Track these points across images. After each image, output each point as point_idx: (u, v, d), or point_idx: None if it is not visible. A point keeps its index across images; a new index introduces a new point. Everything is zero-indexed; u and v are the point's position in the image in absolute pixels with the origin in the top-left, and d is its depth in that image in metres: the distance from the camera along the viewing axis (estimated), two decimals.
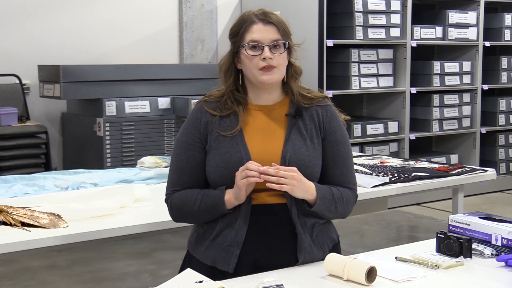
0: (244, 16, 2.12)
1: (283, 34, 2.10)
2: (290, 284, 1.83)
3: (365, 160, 3.65)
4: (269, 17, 2.10)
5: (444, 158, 6.46)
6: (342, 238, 1.94)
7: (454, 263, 2.03)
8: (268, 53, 2.06)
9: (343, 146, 2.16)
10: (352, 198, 2.17)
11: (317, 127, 2.14)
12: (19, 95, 5.34)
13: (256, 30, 2.08)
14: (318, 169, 2.12)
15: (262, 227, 2.05)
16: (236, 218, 2.05)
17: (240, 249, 2.03)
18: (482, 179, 3.42)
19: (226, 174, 2.05)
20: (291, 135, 2.10)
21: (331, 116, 2.16)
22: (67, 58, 5.49)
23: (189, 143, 2.11)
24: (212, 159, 2.08)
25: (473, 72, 6.57)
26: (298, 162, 2.05)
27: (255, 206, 2.05)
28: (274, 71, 2.08)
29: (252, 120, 2.12)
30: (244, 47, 2.07)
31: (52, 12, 5.56)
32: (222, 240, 2.05)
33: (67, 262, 4.54)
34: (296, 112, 2.13)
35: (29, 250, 2.27)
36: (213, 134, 2.10)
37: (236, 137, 2.08)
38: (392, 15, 5.93)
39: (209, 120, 2.11)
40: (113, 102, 5.06)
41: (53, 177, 3.26)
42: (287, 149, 2.07)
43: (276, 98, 2.16)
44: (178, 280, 1.79)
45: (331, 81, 5.82)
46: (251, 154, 2.06)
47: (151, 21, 5.99)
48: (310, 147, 2.10)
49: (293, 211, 2.05)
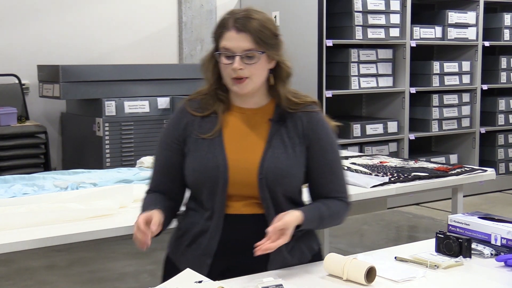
0: (223, 19, 2.01)
1: (259, 42, 1.96)
2: (290, 284, 1.83)
3: (364, 160, 3.65)
4: (245, 24, 1.96)
5: (443, 158, 6.46)
6: (342, 238, 1.95)
7: (453, 263, 2.03)
8: (238, 64, 1.95)
9: (330, 154, 2.06)
10: (343, 208, 2.09)
11: (300, 135, 2.03)
12: (18, 95, 5.34)
13: (229, 38, 1.97)
14: (299, 178, 2.03)
15: (235, 237, 1.99)
16: (209, 227, 2.00)
17: (212, 259, 1.99)
18: (481, 179, 3.42)
19: (202, 179, 2.00)
20: (272, 141, 2.01)
21: (316, 123, 2.05)
22: (66, 58, 5.49)
23: (167, 143, 2.08)
24: (189, 162, 2.03)
25: (473, 72, 6.57)
26: (276, 171, 1.97)
27: (230, 215, 2.00)
28: (246, 82, 1.97)
29: (233, 122, 2.05)
30: (218, 54, 1.99)
31: (51, 12, 5.56)
32: (196, 247, 2.02)
33: (66, 262, 4.54)
34: (279, 118, 2.04)
35: (28, 250, 2.26)
36: (192, 137, 2.04)
37: (215, 141, 2.01)
38: (392, 15, 5.93)
39: (189, 121, 2.05)
40: (113, 102, 5.06)
41: (53, 177, 3.25)
42: (266, 157, 1.99)
43: (260, 101, 2.06)
44: (178, 280, 1.79)
45: (331, 81, 5.83)
46: (228, 160, 1.99)
47: (150, 21, 5.99)
48: (291, 155, 2.01)
49: (271, 222, 1.93)
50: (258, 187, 1.98)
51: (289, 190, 2.02)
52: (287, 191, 2.02)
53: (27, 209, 2.57)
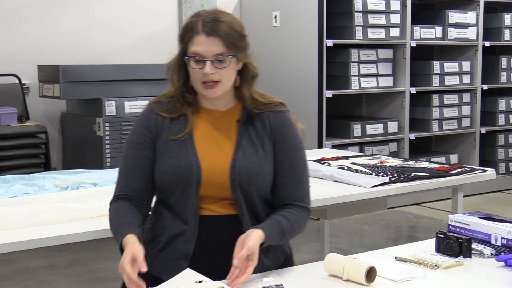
0: (191, 23, 1.96)
1: (229, 46, 1.94)
2: (290, 284, 1.83)
3: (364, 160, 3.65)
4: (215, 28, 1.93)
5: (443, 158, 6.46)
6: (342, 238, 1.95)
7: (453, 263, 2.03)
8: (209, 68, 1.93)
9: (294, 154, 2.03)
10: (304, 217, 2.03)
11: (268, 133, 2.03)
12: (18, 95, 5.34)
13: (199, 42, 1.93)
14: (270, 178, 2.01)
15: (211, 239, 1.96)
16: (185, 230, 1.96)
17: (189, 262, 1.94)
18: (481, 179, 3.42)
19: (174, 181, 1.96)
20: (242, 142, 2.00)
21: (283, 122, 2.04)
22: (66, 58, 5.49)
23: (139, 143, 2.02)
24: (160, 164, 1.99)
25: (473, 72, 6.57)
26: (248, 171, 1.96)
27: (204, 217, 1.97)
28: (217, 86, 1.96)
29: (202, 124, 2.03)
30: (188, 59, 1.96)
31: (51, 12, 5.56)
32: (170, 251, 1.97)
33: (66, 262, 4.54)
34: (247, 119, 2.03)
35: (29, 250, 2.26)
36: (162, 138, 2.01)
37: (186, 142, 1.99)
38: (392, 15, 5.93)
39: (159, 122, 2.02)
40: (113, 102, 5.06)
41: (53, 177, 3.26)
42: (237, 158, 1.98)
43: (227, 104, 2.05)
44: (178, 280, 1.79)
45: (331, 81, 5.83)
46: (201, 161, 1.97)
47: (150, 21, 5.99)
48: (262, 155, 2.00)
49: (245, 222, 1.97)
50: (230, 187, 1.97)
51: (262, 189, 2.01)
52: (259, 191, 2.00)
53: (27, 209, 2.58)
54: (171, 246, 1.98)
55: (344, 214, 4.11)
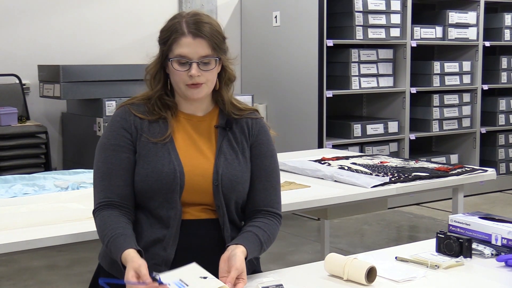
0: (174, 24, 1.95)
1: (215, 48, 1.92)
2: (290, 284, 1.83)
3: (365, 160, 3.65)
4: (200, 29, 1.91)
5: (444, 158, 6.46)
6: (342, 238, 1.95)
7: (454, 263, 2.03)
8: (195, 70, 1.90)
9: (268, 160, 2.03)
10: (277, 225, 2.02)
11: (247, 139, 2.03)
12: (19, 95, 5.34)
13: (185, 44, 1.91)
14: (248, 184, 2.01)
15: (192, 243, 1.93)
16: (164, 235, 1.91)
17: (169, 268, 1.85)
18: (482, 179, 3.41)
19: (156, 186, 1.91)
20: (222, 148, 1.99)
21: (260, 128, 2.05)
22: (67, 58, 5.49)
23: (121, 145, 1.95)
24: (141, 168, 1.93)
25: (473, 72, 6.57)
26: (231, 178, 1.95)
27: (185, 221, 1.93)
28: (202, 87, 1.93)
29: (182, 128, 2.00)
30: (171, 61, 1.93)
31: (52, 12, 5.57)
32: (148, 258, 1.84)
33: (67, 262, 4.54)
34: (226, 124, 2.01)
35: (29, 250, 2.26)
36: (142, 140, 1.95)
37: (167, 145, 1.94)
38: (392, 15, 5.93)
39: (138, 124, 1.96)
40: (113, 102, 5.06)
41: (53, 177, 3.25)
42: (220, 163, 1.96)
43: (205, 108, 2.03)
44: (183, 271, 1.75)
45: (331, 81, 5.83)
46: (184, 166, 1.93)
47: (151, 21, 5.98)
48: (242, 161, 1.99)
49: (225, 227, 1.95)
50: (213, 193, 1.95)
51: (241, 196, 1.99)
52: (239, 197, 1.99)
53: (28, 209, 2.58)
54: (150, 252, 1.91)
55: (344, 214, 4.12)
